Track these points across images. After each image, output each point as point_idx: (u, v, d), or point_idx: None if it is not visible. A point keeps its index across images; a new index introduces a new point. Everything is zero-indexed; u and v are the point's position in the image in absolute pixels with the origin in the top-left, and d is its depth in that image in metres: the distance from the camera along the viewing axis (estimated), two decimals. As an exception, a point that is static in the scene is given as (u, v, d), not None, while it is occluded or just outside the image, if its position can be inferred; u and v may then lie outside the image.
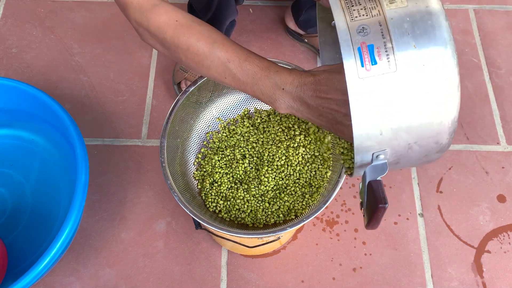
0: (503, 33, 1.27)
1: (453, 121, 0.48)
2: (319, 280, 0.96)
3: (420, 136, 0.48)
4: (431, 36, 0.46)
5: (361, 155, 0.49)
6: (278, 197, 0.83)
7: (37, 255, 0.90)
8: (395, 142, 0.48)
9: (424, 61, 0.46)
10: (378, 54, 0.46)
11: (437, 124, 0.47)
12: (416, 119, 0.47)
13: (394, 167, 0.53)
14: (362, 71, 0.46)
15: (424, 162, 0.53)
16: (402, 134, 0.48)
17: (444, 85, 0.46)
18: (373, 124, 0.47)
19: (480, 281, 0.96)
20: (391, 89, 0.46)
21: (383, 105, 0.46)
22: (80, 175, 0.84)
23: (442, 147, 0.50)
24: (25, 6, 1.30)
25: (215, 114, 0.90)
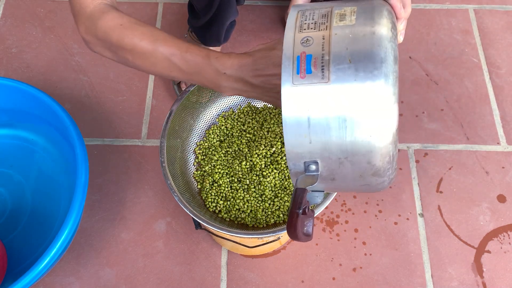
0: (503, 33, 1.27)
1: (385, 143, 0.47)
2: (319, 280, 0.96)
3: (351, 152, 0.48)
4: (368, 54, 0.46)
5: (293, 161, 0.50)
6: (278, 197, 0.83)
7: (37, 255, 0.90)
8: (325, 154, 0.49)
9: (356, 76, 0.46)
10: (314, 64, 0.47)
11: (366, 141, 0.47)
12: (345, 135, 0.47)
13: (332, 185, 0.53)
14: (296, 78, 0.47)
15: (363, 185, 0.52)
16: (332, 146, 0.48)
17: (374, 104, 0.46)
18: (302, 131, 0.48)
19: (480, 281, 0.96)
20: (321, 99, 0.47)
21: (312, 114, 0.47)
22: (80, 175, 0.84)
23: (376, 170, 0.49)
24: (25, 6, 1.30)
25: (215, 114, 0.90)
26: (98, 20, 0.63)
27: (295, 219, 0.48)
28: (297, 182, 0.51)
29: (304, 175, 0.51)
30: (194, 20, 1.05)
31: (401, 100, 1.16)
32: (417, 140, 1.11)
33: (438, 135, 1.12)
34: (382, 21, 0.48)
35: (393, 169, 0.51)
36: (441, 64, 1.22)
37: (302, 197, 0.49)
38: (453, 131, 1.13)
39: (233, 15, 1.01)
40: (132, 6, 1.30)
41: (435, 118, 1.14)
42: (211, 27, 1.02)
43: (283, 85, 0.48)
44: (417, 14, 1.30)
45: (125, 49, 0.63)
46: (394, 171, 0.52)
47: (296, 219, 0.48)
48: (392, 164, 0.50)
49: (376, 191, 0.56)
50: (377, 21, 0.48)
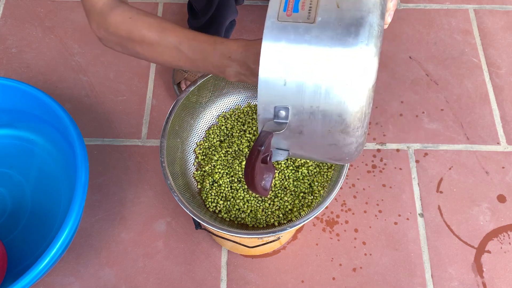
0: (503, 33, 1.27)
1: (359, 95, 0.46)
2: (319, 280, 0.96)
3: (324, 102, 0.47)
4: (356, 1, 0.46)
5: (264, 105, 0.49)
6: (278, 197, 0.83)
7: (37, 255, 0.90)
8: (298, 101, 0.48)
9: (341, 21, 0.46)
10: (302, 5, 0.47)
11: (341, 90, 0.46)
12: (321, 79, 0.46)
13: (298, 141, 0.51)
14: (282, 14, 0.47)
15: (330, 145, 0.51)
16: (306, 92, 0.47)
17: (355, 52, 0.45)
18: (279, 70, 0.47)
19: (480, 281, 0.96)
20: (304, 40, 0.46)
21: (292, 53, 0.46)
22: (80, 175, 0.83)
23: (346, 125, 0.48)
24: (25, 6, 1.30)
25: (215, 114, 0.90)
26: (108, 15, 0.64)
27: (255, 156, 0.47)
28: (264, 127, 0.50)
29: (273, 121, 0.49)
30: (193, 20, 1.05)
31: (401, 100, 1.17)
32: (417, 140, 1.11)
33: (438, 135, 1.12)
34: None
35: (362, 130, 0.50)
36: (441, 64, 1.22)
37: (266, 138, 0.48)
38: (453, 131, 1.13)
39: (233, 15, 1.01)
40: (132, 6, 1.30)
41: (435, 118, 1.14)
42: (210, 27, 1.02)
43: (268, 19, 0.47)
44: (417, 14, 1.30)
45: (135, 42, 0.63)
46: (363, 135, 0.51)
47: (256, 156, 0.47)
48: (363, 124, 0.49)
49: (342, 158, 0.54)
50: None
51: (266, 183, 0.51)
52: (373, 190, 1.05)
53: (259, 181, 0.49)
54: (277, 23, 0.47)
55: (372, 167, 1.08)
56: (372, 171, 1.07)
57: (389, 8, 0.56)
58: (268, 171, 0.51)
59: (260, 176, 0.50)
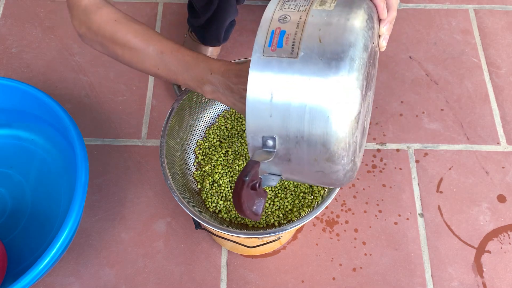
0: (503, 33, 1.27)
1: (341, 127, 0.48)
2: (319, 280, 0.96)
3: (307, 131, 0.48)
4: (338, 37, 0.48)
5: (252, 134, 0.51)
6: (278, 197, 0.83)
7: (37, 255, 0.90)
8: (283, 131, 0.49)
9: (323, 56, 0.47)
10: (286, 40, 0.49)
11: (323, 121, 0.48)
12: (304, 111, 0.48)
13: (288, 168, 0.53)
14: (267, 49, 0.49)
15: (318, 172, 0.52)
16: (291, 123, 0.49)
17: (336, 85, 0.47)
18: (264, 102, 0.49)
19: (480, 281, 0.96)
20: (286, 74, 0.48)
21: (276, 87, 0.48)
22: (80, 175, 0.83)
23: (330, 155, 0.49)
24: (25, 6, 1.30)
25: (215, 114, 0.90)
26: (93, 14, 0.65)
27: (240, 186, 0.49)
28: (253, 156, 0.52)
29: (261, 150, 0.51)
30: (193, 20, 1.05)
31: (401, 100, 1.17)
32: (417, 140, 1.11)
33: (438, 135, 1.12)
34: (358, 12, 0.49)
35: (348, 158, 0.51)
36: (441, 64, 1.22)
37: (252, 168, 0.49)
38: (453, 131, 1.13)
39: (233, 14, 1.01)
40: (132, 6, 1.30)
41: (435, 118, 1.14)
42: (210, 26, 1.02)
43: (254, 53, 0.49)
44: (417, 14, 1.30)
45: (117, 44, 0.65)
46: (350, 163, 0.52)
47: (241, 186, 0.49)
48: (348, 153, 0.50)
49: (332, 183, 0.55)
50: (354, 10, 0.49)
51: (258, 208, 0.53)
52: (373, 190, 1.05)
53: (248, 207, 0.51)
54: (262, 58, 0.49)
55: (372, 167, 1.08)
56: (372, 171, 1.07)
57: (382, 32, 0.57)
58: (259, 196, 0.53)
59: (250, 202, 0.51)
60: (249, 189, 0.50)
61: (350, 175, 0.55)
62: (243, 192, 0.49)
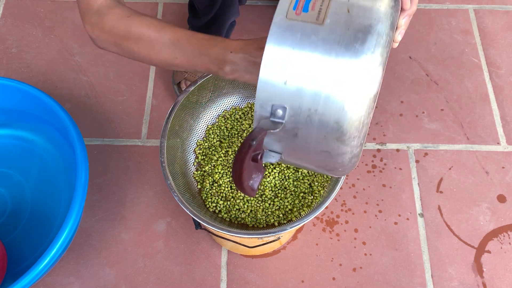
0: (503, 33, 1.27)
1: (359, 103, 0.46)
2: (319, 280, 0.96)
3: (322, 106, 0.46)
4: (368, 9, 0.46)
5: (261, 102, 0.48)
6: (278, 197, 0.83)
7: (37, 255, 0.90)
8: (296, 102, 0.47)
9: (350, 26, 0.45)
10: (313, 5, 0.46)
11: (341, 96, 0.45)
12: (323, 83, 0.45)
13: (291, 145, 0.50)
14: (292, 13, 0.46)
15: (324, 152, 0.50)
16: (305, 94, 0.46)
17: (361, 59, 0.45)
18: (281, 68, 0.46)
19: (480, 281, 0.96)
20: (310, 41, 0.46)
21: (296, 54, 0.46)
22: (80, 175, 0.83)
23: (342, 133, 0.47)
24: (25, 6, 1.30)
25: (215, 114, 0.90)
26: (106, 15, 0.65)
27: (246, 150, 0.46)
28: (259, 124, 0.49)
29: (269, 120, 0.48)
30: (194, 20, 1.05)
31: (401, 100, 1.17)
32: (417, 140, 1.11)
33: (438, 135, 1.12)
34: None
35: (358, 140, 0.49)
36: (441, 64, 1.22)
37: (259, 133, 0.47)
38: (453, 131, 1.13)
39: (235, 15, 1.01)
40: (132, 6, 1.30)
41: (435, 118, 1.14)
42: (211, 27, 1.02)
43: (276, 15, 0.47)
44: (417, 14, 1.30)
45: (132, 39, 0.63)
46: (359, 147, 0.50)
47: (247, 150, 0.46)
48: (360, 134, 0.48)
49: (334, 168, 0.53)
50: None
51: (254, 183, 0.50)
52: (373, 190, 1.05)
53: (246, 179, 0.48)
54: (285, 21, 0.46)
55: (372, 167, 1.08)
56: (372, 171, 1.07)
57: (400, 25, 0.55)
58: (258, 171, 0.50)
59: (249, 174, 0.49)
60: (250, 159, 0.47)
61: (355, 161, 0.52)
62: (247, 158, 0.46)
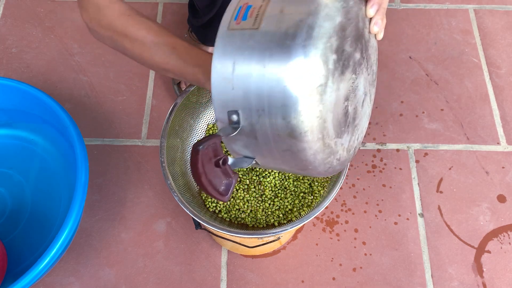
0: (503, 33, 1.27)
1: (300, 96, 0.46)
2: (319, 280, 0.96)
3: (267, 103, 0.48)
4: (298, 6, 0.48)
5: (218, 109, 0.51)
6: (278, 197, 0.83)
7: (37, 255, 0.90)
8: (246, 104, 0.49)
9: (281, 25, 0.47)
10: (251, 13, 0.49)
11: (281, 91, 0.46)
12: (263, 82, 0.47)
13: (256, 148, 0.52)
14: (233, 23, 0.50)
15: (286, 151, 0.51)
16: (251, 94, 0.48)
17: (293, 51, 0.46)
18: (227, 75, 0.49)
19: (480, 281, 0.96)
20: (248, 45, 0.48)
21: (238, 58, 0.48)
22: (80, 175, 0.83)
23: (292, 129, 0.48)
24: (25, 6, 1.30)
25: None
26: (105, 8, 0.66)
27: (194, 155, 0.49)
28: (219, 131, 0.52)
29: (227, 125, 0.51)
30: (194, 19, 1.05)
31: (401, 100, 1.17)
32: (417, 140, 1.11)
33: (438, 135, 1.12)
34: None
35: (313, 135, 0.49)
36: (441, 64, 1.22)
37: (209, 139, 0.50)
38: (453, 131, 1.13)
39: None
40: (132, 6, 1.30)
41: (435, 118, 1.14)
42: (211, 26, 1.02)
43: (220, 28, 0.50)
44: (417, 14, 1.30)
45: (128, 37, 0.65)
46: (318, 142, 0.50)
47: (195, 155, 0.49)
48: (311, 129, 0.48)
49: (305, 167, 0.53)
50: None
51: (226, 188, 0.52)
52: (373, 190, 1.05)
53: (208, 184, 0.51)
54: (226, 32, 0.50)
55: (372, 167, 1.08)
56: (372, 171, 1.07)
57: (370, 14, 0.54)
58: (226, 176, 0.52)
59: (217, 180, 0.51)
60: (211, 165, 0.50)
61: (324, 159, 0.52)
62: (199, 163, 0.49)
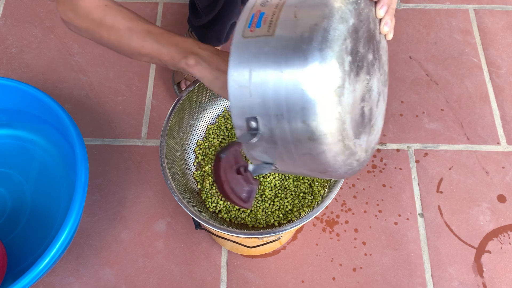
0: (503, 33, 1.27)
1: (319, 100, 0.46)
2: (319, 280, 0.96)
3: (286, 107, 0.48)
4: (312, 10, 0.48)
5: (236, 117, 0.51)
6: (278, 197, 0.83)
7: (37, 255, 0.90)
8: (264, 110, 0.49)
9: (296, 30, 0.47)
10: (264, 20, 0.50)
11: (300, 94, 0.47)
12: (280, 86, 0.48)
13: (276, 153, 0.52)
14: (247, 31, 0.50)
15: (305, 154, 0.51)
16: (269, 100, 0.49)
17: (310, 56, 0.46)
18: (244, 83, 0.49)
19: (480, 281, 0.96)
20: (263, 52, 0.49)
21: (254, 65, 0.49)
22: (80, 175, 0.83)
23: (311, 132, 0.48)
24: (25, 6, 1.30)
25: (215, 114, 0.90)
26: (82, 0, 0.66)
27: (216, 163, 0.50)
28: (238, 137, 0.52)
29: (246, 132, 0.51)
30: (195, 19, 1.04)
31: (401, 100, 1.16)
32: (417, 140, 1.11)
33: (438, 135, 1.12)
34: None
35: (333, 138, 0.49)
36: (441, 64, 1.22)
37: (231, 146, 0.50)
38: (453, 131, 1.13)
39: (236, 15, 1.00)
40: (132, 6, 1.30)
41: (435, 118, 1.14)
42: (213, 26, 1.01)
43: (234, 37, 0.50)
44: (417, 14, 1.30)
45: (104, 26, 0.66)
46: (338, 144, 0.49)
47: (217, 163, 0.50)
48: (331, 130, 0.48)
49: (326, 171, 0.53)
50: None
51: (248, 195, 0.53)
52: (373, 190, 1.05)
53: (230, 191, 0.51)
54: (241, 40, 0.50)
55: (372, 167, 1.08)
56: (372, 171, 1.07)
57: (380, 15, 0.55)
58: (247, 182, 0.53)
59: (238, 187, 0.52)
60: (233, 172, 0.51)
61: (344, 160, 0.52)
62: (221, 170, 0.49)
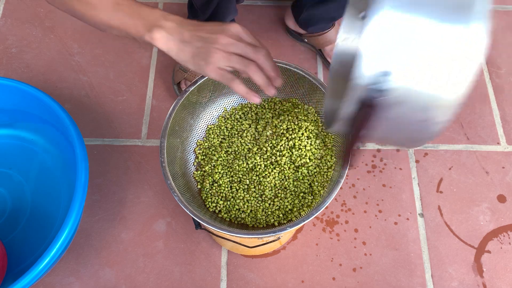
0: (503, 33, 1.27)
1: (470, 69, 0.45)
2: (319, 280, 0.96)
3: (429, 74, 0.45)
4: None
5: (364, 68, 0.45)
6: (278, 197, 0.83)
7: (37, 255, 0.90)
8: (404, 68, 0.45)
9: None
10: None
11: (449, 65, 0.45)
12: (431, 50, 0.44)
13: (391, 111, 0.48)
14: None
15: (422, 120, 0.49)
16: (412, 61, 0.45)
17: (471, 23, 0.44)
18: (391, 32, 0.45)
19: (480, 281, 0.96)
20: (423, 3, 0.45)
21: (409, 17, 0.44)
22: (80, 175, 0.83)
23: (446, 101, 0.47)
24: (25, 6, 1.30)
25: (215, 114, 0.90)
26: None
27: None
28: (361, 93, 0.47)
29: (370, 88, 0.46)
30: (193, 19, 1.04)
31: (401, 100, 1.17)
32: (417, 140, 1.11)
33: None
34: None
35: (456, 109, 0.49)
36: (441, 64, 1.22)
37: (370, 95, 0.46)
38: (453, 131, 1.13)
39: (233, 13, 1.01)
40: (132, 6, 1.30)
41: (435, 118, 1.14)
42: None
43: None
44: (417, 14, 1.30)
45: None
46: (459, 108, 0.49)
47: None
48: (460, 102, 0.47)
49: (420, 139, 0.52)
50: None
51: None
52: (373, 190, 1.05)
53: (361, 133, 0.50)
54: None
55: (372, 167, 1.08)
56: (372, 171, 1.07)
57: None
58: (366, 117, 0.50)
59: None
60: None
61: (444, 126, 0.51)
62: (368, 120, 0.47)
